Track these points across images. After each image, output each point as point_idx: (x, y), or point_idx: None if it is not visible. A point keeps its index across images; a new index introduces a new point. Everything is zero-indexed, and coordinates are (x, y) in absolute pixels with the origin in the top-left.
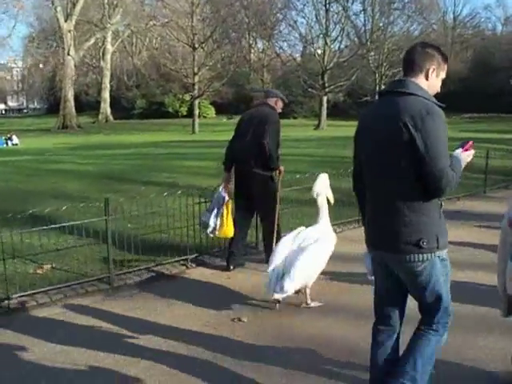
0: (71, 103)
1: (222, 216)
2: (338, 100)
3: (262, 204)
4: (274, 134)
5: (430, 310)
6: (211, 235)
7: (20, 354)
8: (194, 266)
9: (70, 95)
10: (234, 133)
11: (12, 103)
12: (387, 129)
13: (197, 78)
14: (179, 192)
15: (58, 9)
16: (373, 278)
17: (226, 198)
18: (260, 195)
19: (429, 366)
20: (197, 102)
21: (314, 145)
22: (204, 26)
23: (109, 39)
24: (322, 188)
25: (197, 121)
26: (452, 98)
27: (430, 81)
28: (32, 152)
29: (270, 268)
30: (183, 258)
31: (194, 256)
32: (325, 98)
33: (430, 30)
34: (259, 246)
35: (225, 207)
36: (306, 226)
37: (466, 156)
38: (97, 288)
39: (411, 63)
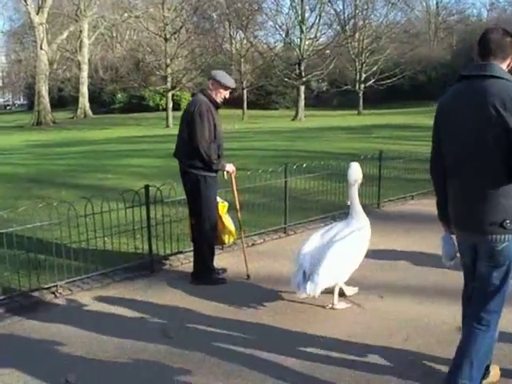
0: (46, 99)
1: None
2: (321, 89)
3: (191, 206)
4: (201, 128)
5: (487, 298)
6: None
7: None
8: (64, 293)
9: (45, 91)
10: None
11: None
12: (478, 114)
13: (169, 70)
14: (84, 197)
15: (29, 1)
16: (451, 263)
17: None
18: (188, 196)
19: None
20: (170, 94)
21: (282, 138)
22: (175, 16)
23: (85, 33)
24: (356, 177)
25: (170, 114)
26: (435, 85)
27: (508, 68)
28: None
29: (295, 268)
30: (52, 285)
31: (65, 282)
32: (302, 88)
33: (412, 16)
34: (156, 266)
35: None
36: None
37: None
38: None
39: (493, 48)
